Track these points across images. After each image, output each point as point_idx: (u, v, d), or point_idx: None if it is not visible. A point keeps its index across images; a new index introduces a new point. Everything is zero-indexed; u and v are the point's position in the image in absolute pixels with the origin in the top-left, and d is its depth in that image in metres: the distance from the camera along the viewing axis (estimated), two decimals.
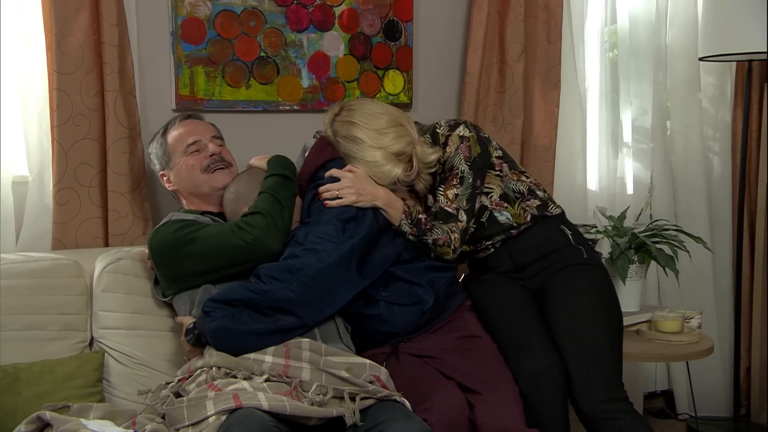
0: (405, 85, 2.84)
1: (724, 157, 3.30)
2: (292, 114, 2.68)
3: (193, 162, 2.14)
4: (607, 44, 3.18)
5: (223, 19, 2.52)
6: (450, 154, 2.16)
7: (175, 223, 2.05)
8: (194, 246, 1.97)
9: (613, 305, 2.17)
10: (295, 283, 1.89)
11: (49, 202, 2.31)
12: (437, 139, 2.20)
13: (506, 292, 2.23)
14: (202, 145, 2.17)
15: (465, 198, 2.14)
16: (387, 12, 2.78)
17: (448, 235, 2.11)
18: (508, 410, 1.95)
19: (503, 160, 2.26)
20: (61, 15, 2.23)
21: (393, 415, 1.75)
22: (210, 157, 2.15)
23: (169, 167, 2.19)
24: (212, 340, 1.88)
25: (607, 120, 3.16)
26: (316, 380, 1.81)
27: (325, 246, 1.94)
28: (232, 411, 1.67)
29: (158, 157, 2.21)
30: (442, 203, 2.14)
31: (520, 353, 2.05)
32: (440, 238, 2.10)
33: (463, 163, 2.15)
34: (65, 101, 2.26)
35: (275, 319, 1.88)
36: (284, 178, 2.05)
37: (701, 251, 2.87)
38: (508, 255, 2.25)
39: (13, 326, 1.99)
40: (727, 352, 3.26)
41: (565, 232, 2.26)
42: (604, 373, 2.03)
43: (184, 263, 2.00)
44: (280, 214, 1.97)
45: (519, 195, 2.25)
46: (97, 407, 1.86)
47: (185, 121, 2.23)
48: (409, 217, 2.10)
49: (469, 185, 2.14)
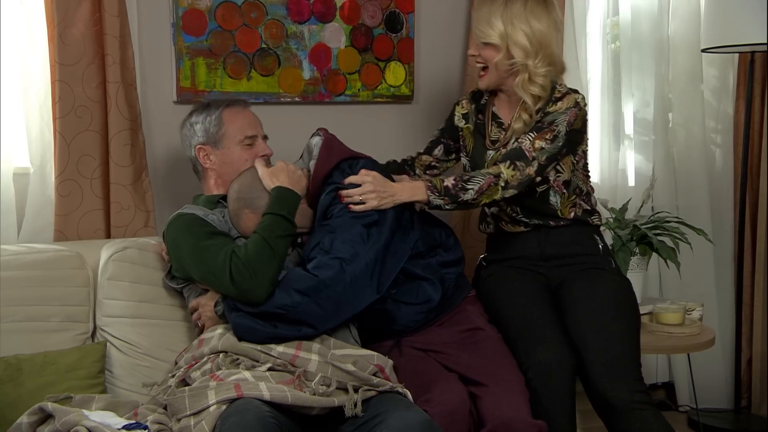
0: (406, 76, 2.84)
1: (726, 149, 3.30)
2: (293, 106, 2.68)
3: (247, 156, 2.15)
4: (609, 36, 3.18)
5: (224, 10, 2.52)
6: (558, 110, 2.15)
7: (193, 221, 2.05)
8: (197, 257, 1.98)
9: (634, 309, 2.20)
10: (324, 299, 1.90)
11: (50, 193, 2.31)
12: (553, 93, 2.18)
13: (519, 284, 2.23)
14: (257, 142, 2.18)
15: (546, 155, 2.11)
16: (388, 3, 2.78)
17: (491, 176, 2.07)
18: (514, 401, 1.95)
19: (584, 156, 2.28)
20: (63, 6, 2.23)
21: (393, 405, 1.76)
22: (261, 157, 2.16)
23: (216, 147, 2.17)
24: (235, 331, 1.90)
25: (608, 112, 3.16)
26: (321, 372, 1.82)
27: (351, 253, 1.93)
28: (232, 401, 1.68)
29: (208, 132, 2.17)
30: (525, 146, 2.12)
31: (532, 344, 2.05)
32: (482, 185, 2.07)
33: (563, 125, 2.13)
34: (67, 93, 2.26)
35: (299, 328, 1.90)
36: (282, 218, 2.00)
37: (703, 243, 2.87)
38: (536, 242, 2.26)
39: (15, 317, 2.00)
40: (728, 344, 3.26)
41: (596, 242, 2.28)
42: (630, 365, 2.04)
43: (186, 266, 2.02)
44: (269, 264, 1.92)
45: (578, 191, 2.26)
46: (99, 398, 1.87)
47: (246, 110, 2.22)
48: (435, 191, 2.07)
49: (557, 147, 2.12)
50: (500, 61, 2.18)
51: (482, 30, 2.18)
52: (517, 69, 2.17)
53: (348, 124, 2.71)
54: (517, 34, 2.15)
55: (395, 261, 2.03)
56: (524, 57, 2.15)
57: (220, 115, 2.17)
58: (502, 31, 2.15)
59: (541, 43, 2.16)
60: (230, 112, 2.18)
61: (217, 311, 1.98)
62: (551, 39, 2.17)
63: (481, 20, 2.19)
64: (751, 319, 3.26)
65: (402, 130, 2.85)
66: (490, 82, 2.25)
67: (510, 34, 2.15)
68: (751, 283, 3.24)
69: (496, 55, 2.18)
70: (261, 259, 1.92)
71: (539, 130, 2.14)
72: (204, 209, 2.11)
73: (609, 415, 2.03)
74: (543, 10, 2.17)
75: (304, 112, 2.68)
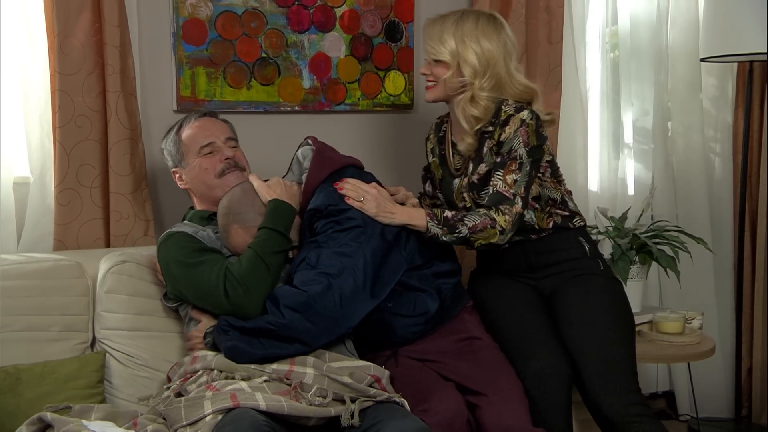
0: (406, 86, 2.84)
1: (725, 158, 3.30)
2: (293, 115, 2.68)
3: (207, 165, 2.13)
4: (608, 45, 3.18)
5: (224, 20, 2.53)
6: (509, 136, 2.13)
7: (183, 240, 2.04)
8: (189, 276, 1.97)
9: (627, 314, 2.19)
10: (314, 315, 1.87)
11: (50, 203, 2.31)
12: (499, 116, 2.17)
13: (513, 293, 2.23)
14: (216, 147, 2.15)
15: (523, 185, 2.10)
16: (388, 13, 2.79)
17: (488, 218, 2.06)
18: (514, 409, 1.95)
19: (549, 165, 2.26)
20: (63, 16, 2.23)
21: (390, 415, 1.76)
22: (224, 161, 2.13)
23: (182, 166, 2.18)
24: (227, 355, 1.88)
25: (608, 121, 3.16)
26: (318, 384, 1.81)
27: (339, 268, 1.91)
28: (228, 410, 1.68)
29: (171, 155, 2.20)
30: (500, 188, 2.10)
31: (527, 352, 2.06)
32: (477, 224, 2.06)
33: (522, 147, 2.11)
34: (67, 102, 2.26)
35: (291, 345, 1.88)
36: (277, 233, 1.98)
37: (702, 252, 2.87)
38: (522, 254, 2.25)
39: (14, 327, 1.99)
40: (728, 353, 3.26)
41: (582, 244, 2.27)
42: (625, 376, 2.04)
43: (178, 286, 2.02)
44: (263, 280, 1.92)
45: (552, 202, 2.26)
46: (99, 408, 1.87)
47: (201, 119, 2.21)
48: (434, 219, 2.07)
49: (527, 172, 2.11)
50: (449, 78, 2.18)
51: (434, 47, 2.18)
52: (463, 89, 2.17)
53: (348, 133, 2.72)
54: (468, 53, 2.15)
55: (391, 272, 2.01)
56: (472, 76, 2.15)
57: (176, 135, 2.19)
58: (453, 49, 2.16)
59: (489, 63, 2.15)
60: (186, 127, 2.19)
61: (207, 343, 1.95)
62: (499, 59, 2.16)
63: (433, 37, 2.19)
64: (751, 327, 3.26)
65: (402, 139, 2.86)
66: (437, 95, 2.24)
67: (461, 52, 2.15)
68: (751, 292, 3.24)
69: (445, 72, 2.18)
70: (255, 275, 1.91)
71: (503, 165, 2.11)
72: (195, 226, 2.12)
73: (606, 427, 2.03)
74: (493, 31, 2.17)
75: (304, 122, 2.68)
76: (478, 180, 2.18)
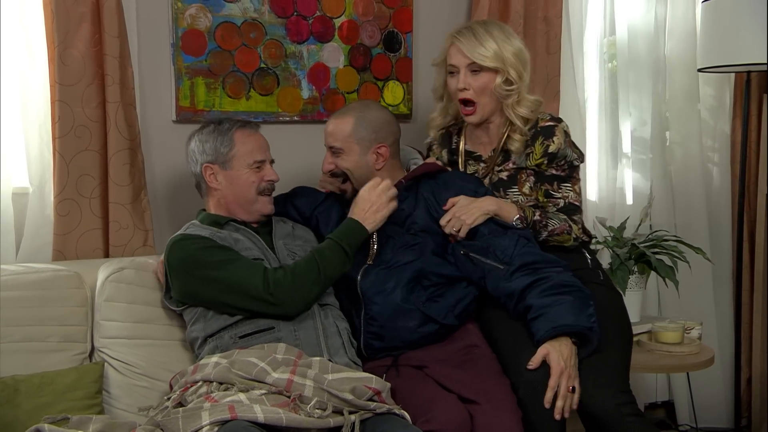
0: (405, 96, 2.85)
1: (723, 168, 3.31)
2: (292, 125, 2.69)
3: (254, 179, 2.15)
4: (606, 55, 3.19)
5: (223, 30, 2.53)
6: (559, 146, 2.17)
7: (201, 240, 2.04)
8: (218, 273, 1.98)
9: (626, 326, 2.19)
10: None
11: (49, 213, 2.31)
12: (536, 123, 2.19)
13: None
14: (264, 166, 2.18)
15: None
16: (387, 23, 2.80)
17: (567, 224, 2.16)
18: (506, 420, 1.94)
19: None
20: (63, 27, 2.24)
21: (390, 426, 1.76)
22: (267, 182, 2.16)
23: (224, 167, 2.15)
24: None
25: (606, 131, 3.17)
26: (317, 397, 1.80)
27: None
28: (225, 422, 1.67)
29: (216, 151, 2.15)
30: (572, 199, 2.20)
31: (522, 362, 2.05)
32: (556, 228, 2.15)
33: (575, 158, 2.20)
34: (67, 113, 2.26)
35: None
36: (343, 251, 2.04)
37: (701, 262, 2.87)
38: None
39: (12, 338, 1.99)
40: (727, 363, 3.25)
41: (584, 256, 2.28)
42: (616, 377, 2.03)
43: (199, 284, 2.01)
44: (311, 286, 1.99)
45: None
46: (97, 419, 1.86)
47: (258, 133, 2.20)
48: (524, 221, 2.13)
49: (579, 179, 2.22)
50: (498, 85, 2.16)
51: (476, 54, 2.14)
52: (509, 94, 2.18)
53: None
54: (508, 52, 2.16)
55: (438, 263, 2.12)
56: (518, 77, 2.16)
57: (231, 136, 2.15)
58: (496, 50, 2.15)
59: (525, 62, 2.18)
60: (242, 133, 2.16)
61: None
62: (528, 58, 2.21)
63: (470, 46, 2.15)
64: (750, 337, 3.26)
65: None
66: (484, 113, 2.21)
67: (503, 52, 2.15)
68: (750, 302, 3.24)
69: (494, 79, 2.16)
70: (307, 279, 1.98)
71: (570, 178, 2.20)
72: (209, 228, 2.11)
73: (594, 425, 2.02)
74: (513, 33, 2.22)
75: (303, 132, 2.69)
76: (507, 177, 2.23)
